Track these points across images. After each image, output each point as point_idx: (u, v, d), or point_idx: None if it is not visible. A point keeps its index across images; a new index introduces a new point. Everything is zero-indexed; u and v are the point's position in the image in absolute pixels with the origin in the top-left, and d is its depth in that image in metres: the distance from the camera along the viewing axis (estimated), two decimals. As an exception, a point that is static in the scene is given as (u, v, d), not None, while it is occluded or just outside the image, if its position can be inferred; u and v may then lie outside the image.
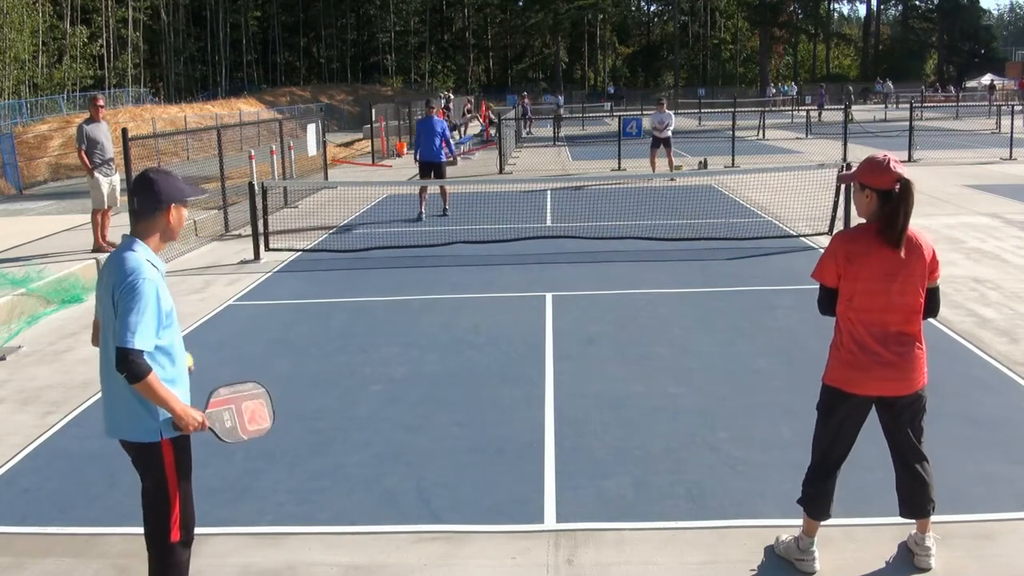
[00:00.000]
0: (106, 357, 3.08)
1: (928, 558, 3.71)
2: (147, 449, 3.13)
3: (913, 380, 3.52)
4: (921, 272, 3.45)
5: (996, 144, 22.67)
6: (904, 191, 3.37)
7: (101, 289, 3.14)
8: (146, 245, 3.17)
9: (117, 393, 3.09)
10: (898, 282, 3.42)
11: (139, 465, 3.23)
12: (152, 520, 3.23)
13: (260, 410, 3.28)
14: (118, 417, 3.14)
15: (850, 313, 3.49)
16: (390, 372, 6.45)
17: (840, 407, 3.58)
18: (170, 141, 29.76)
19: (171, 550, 3.22)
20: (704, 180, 16.90)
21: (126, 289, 2.99)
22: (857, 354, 3.48)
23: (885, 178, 3.39)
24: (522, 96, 41.15)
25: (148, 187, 3.14)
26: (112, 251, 3.21)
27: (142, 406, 3.07)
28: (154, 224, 3.18)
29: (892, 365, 3.46)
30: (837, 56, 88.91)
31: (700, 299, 8.38)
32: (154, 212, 3.15)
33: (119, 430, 3.17)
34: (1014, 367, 6.13)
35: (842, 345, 3.54)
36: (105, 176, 10.57)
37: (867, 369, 3.47)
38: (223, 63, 68.59)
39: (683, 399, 5.74)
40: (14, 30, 43.77)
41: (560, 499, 4.40)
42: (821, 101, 40.14)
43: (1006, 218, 12.23)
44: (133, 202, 3.21)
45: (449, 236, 11.78)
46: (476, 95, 58.88)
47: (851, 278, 3.46)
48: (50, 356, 7.19)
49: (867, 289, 3.43)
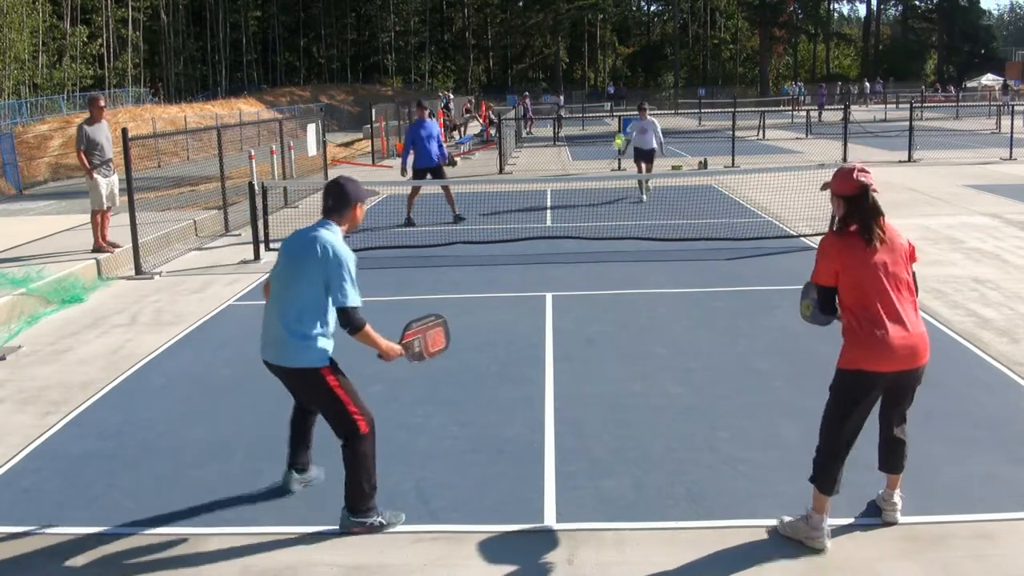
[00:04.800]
0: (279, 301, 4.01)
1: (895, 512, 4.08)
2: (311, 373, 3.96)
3: (924, 352, 3.80)
4: (903, 254, 3.81)
5: (996, 144, 22.66)
6: (861, 198, 3.73)
7: (297, 253, 3.96)
8: (340, 229, 4.04)
9: (288, 330, 3.93)
10: (886, 266, 3.75)
11: (302, 388, 4.09)
12: (340, 428, 4.01)
13: (439, 335, 4.20)
14: (285, 350, 3.96)
15: (858, 299, 3.75)
16: (390, 372, 6.42)
17: (861, 387, 3.79)
18: (170, 141, 29.78)
19: (363, 440, 4.00)
20: (704, 180, 16.89)
21: (338, 260, 3.87)
22: (878, 335, 3.70)
23: (848, 185, 3.76)
24: (522, 96, 41.16)
25: (340, 189, 4.06)
26: (317, 227, 4.00)
27: (308, 342, 3.92)
28: (343, 217, 4.07)
29: (910, 340, 3.73)
30: (837, 56, 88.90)
31: (700, 299, 8.38)
32: (344, 208, 4.04)
33: (286, 359, 3.97)
34: (1014, 367, 6.13)
35: (860, 328, 3.74)
36: (104, 177, 10.56)
37: (891, 347, 3.70)
38: (223, 63, 68.58)
39: (683, 399, 5.74)
40: (14, 30, 43.76)
41: (560, 499, 4.40)
42: (821, 101, 40.15)
43: (1006, 218, 12.23)
44: (327, 200, 4.06)
45: (449, 236, 11.78)
46: (476, 95, 58.85)
47: (849, 268, 3.74)
48: (50, 356, 7.19)
49: (864, 280, 3.73)
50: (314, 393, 4.05)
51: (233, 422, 5.53)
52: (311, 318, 3.93)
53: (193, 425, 5.56)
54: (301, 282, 3.91)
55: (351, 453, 4.00)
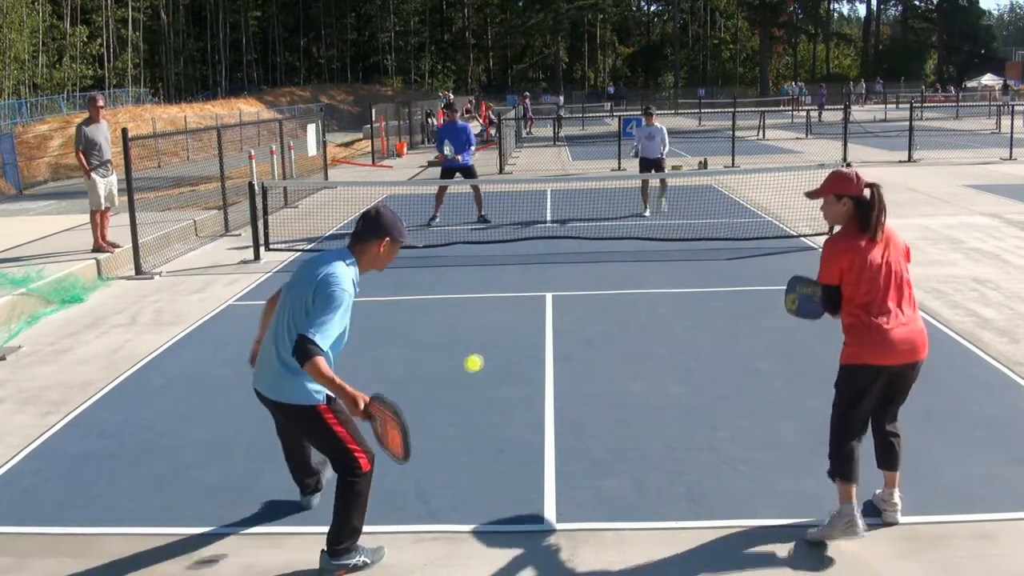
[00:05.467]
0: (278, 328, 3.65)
1: (895, 513, 4.07)
2: (307, 411, 3.64)
3: (923, 347, 3.94)
4: (900, 252, 3.96)
5: (996, 144, 22.66)
6: (877, 195, 3.90)
7: (302, 277, 3.64)
8: (357, 264, 3.68)
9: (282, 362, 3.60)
10: (888, 264, 3.90)
11: (298, 426, 3.81)
12: (339, 465, 3.70)
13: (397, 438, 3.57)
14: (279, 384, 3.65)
15: (861, 296, 3.87)
16: (390, 372, 6.45)
17: (864, 381, 3.90)
18: (170, 141, 29.78)
19: (364, 479, 3.71)
20: (704, 180, 16.89)
21: (329, 293, 3.49)
22: (881, 329, 3.84)
23: (857, 187, 3.91)
24: (522, 96, 41.15)
25: (375, 217, 3.66)
26: (333, 253, 3.67)
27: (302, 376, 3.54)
28: (367, 248, 3.67)
29: (907, 336, 3.86)
30: (837, 56, 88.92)
31: (700, 299, 8.38)
32: (370, 239, 3.66)
33: (278, 393, 3.66)
34: (1014, 367, 6.13)
35: (862, 324, 3.88)
36: (102, 177, 10.56)
37: (894, 341, 3.84)
38: (223, 63, 68.59)
39: (683, 399, 5.73)
40: (14, 30, 43.78)
41: (560, 499, 4.40)
42: (821, 101, 40.15)
43: (1006, 218, 12.23)
44: (358, 224, 3.70)
45: (449, 236, 11.78)
46: (476, 95, 58.87)
47: (852, 269, 3.87)
48: (50, 356, 7.19)
49: (867, 276, 3.86)
50: (309, 431, 3.78)
51: (233, 422, 5.52)
52: None
53: (193, 425, 5.56)
54: (298, 311, 3.57)
55: (348, 491, 3.70)
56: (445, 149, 13.12)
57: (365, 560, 3.81)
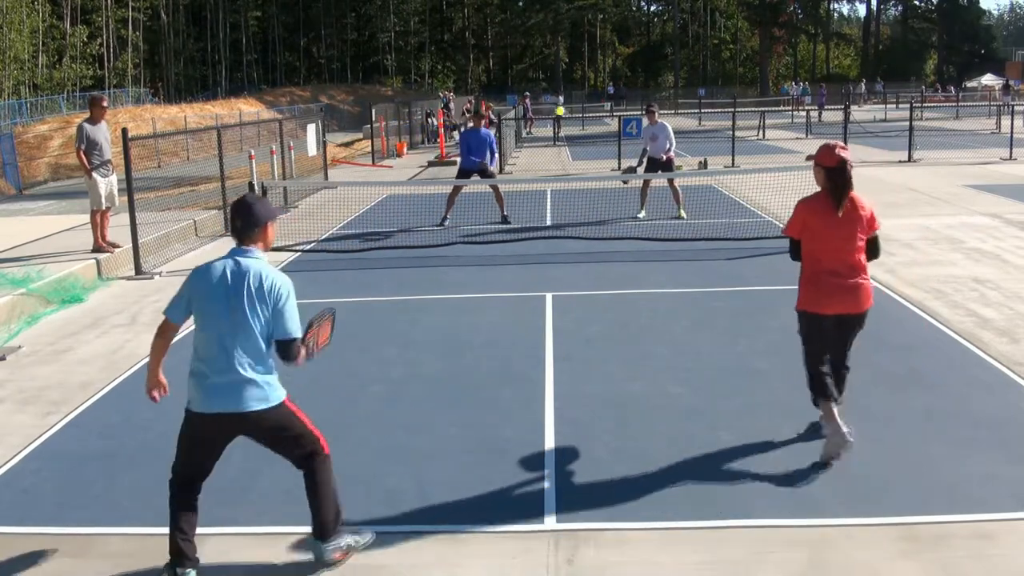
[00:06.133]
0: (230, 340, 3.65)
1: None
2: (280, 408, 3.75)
3: (863, 301, 4.69)
4: (860, 224, 4.63)
5: (996, 144, 22.66)
6: (840, 169, 4.57)
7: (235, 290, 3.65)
8: (263, 255, 3.77)
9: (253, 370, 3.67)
10: (844, 230, 4.60)
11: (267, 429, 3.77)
12: (304, 451, 3.81)
13: (326, 328, 3.93)
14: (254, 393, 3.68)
15: (813, 255, 4.69)
16: (390, 372, 6.45)
17: (811, 324, 4.75)
18: (170, 141, 29.79)
19: (327, 460, 3.85)
20: (704, 180, 16.89)
21: (285, 291, 3.70)
22: (822, 283, 4.66)
23: (830, 158, 4.60)
24: (522, 96, 41.14)
25: (249, 209, 3.74)
26: (238, 259, 3.70)
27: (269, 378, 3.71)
28: (264, 234, 3.79)
29: (848, 290, 4.64)
30: (837, 56, 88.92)
31: (700, 299, 8.38)
32: (255, 229, 3.74)
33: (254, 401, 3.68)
34: (1014, 367, 6.13)
35: (810, 279, 4.71)
36: (103, 177, 10.56)
37: (831, 294, 4.65)
38: (223, 63, 68.60)
39: (683, 399, 5.73)
40: (14, 30, 43.79)
41: (560, 499, 4.40)
42: (821, 101, 40.15)
43: (1006, 218, 12.23)
44: (237, 221, 3.75)
45: (449, 236, 11.78)
46: (476, 95, 58.85)
47: (811, 229, 4.67)
48: (50, 356, 7.19)
49: (822, 236, 4.63)
50: (280, 427, 3.78)
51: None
52: (267, 354, 3.72)
53: (193, 425, 5.55)
54: (251, 319, 3.63)
55: (319, 475, 3.81)
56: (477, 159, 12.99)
57: (357, 539, 3.91)
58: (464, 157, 13.26)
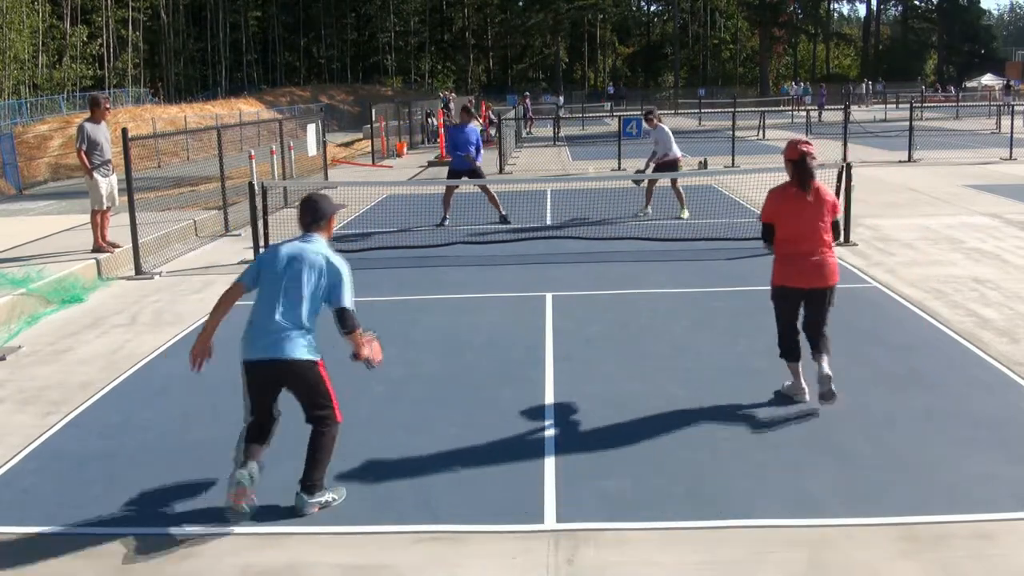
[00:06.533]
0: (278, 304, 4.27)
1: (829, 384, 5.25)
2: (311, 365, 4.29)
3: (829, 276, 5.35)
4: (824, 209, 5.36)
5: (996, 144, 22.66)
6: (802, 160, 5.30)
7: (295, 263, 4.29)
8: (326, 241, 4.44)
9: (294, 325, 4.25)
10: (809, 213, 5.32)
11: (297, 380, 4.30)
12: (322, 414, 4.33)
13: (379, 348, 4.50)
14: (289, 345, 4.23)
15: (785, 236, 5.37)
16: (390, 372, 6.43)
17: (782, 297, 5.51)
18: (170, 141, 29.80)
19: (337, 426, 4.39)
20: (704, 180, 16.88)
21: (341, 268, 4.30)
22: (792, 262, 5.36)
23: (794, 152, 5.35)
24: (523, 96, 41.14)
25: (315, 205, 4.45)
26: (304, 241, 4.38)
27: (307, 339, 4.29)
28: (322, 228, 4.45)
29: (817, 266, 5.32)
30: (837, 56, 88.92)
31: (700, 299, 8.38)
32: (323, 220, 4.45)
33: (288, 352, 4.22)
34: (1014, 367, 6.13)
35: (783, 257, 5.41)
36: (103, 176, 10.55)
37: (800, 270, 5.34)
38: (223, 63, 68.61)
39: (683, 399, 5.73)
40: (14, 30, 43.80)
41: (560, 499, 4.40)
42: (821, 101, 40.14)
43: (1006, 218, 12.23)
44: (306, 216, 4.44)
45: (449, 236, 11.78)
46: (476, 95, 58.82)
47: (782, 214, 5.38)
48: (50, 356, 7.19)
49: (792, 220, 5.34)
50: (307, 383, 4.32)
51: (233, 422, 5.50)
52: (311, 320, 4.29)
53: (193, 425, 5.56)
54: (304, 288, 4.26)
55: (324, 437, 4.33)
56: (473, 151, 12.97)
57: (334, 496, 4.40)
58: (451, 154, 13.34)
